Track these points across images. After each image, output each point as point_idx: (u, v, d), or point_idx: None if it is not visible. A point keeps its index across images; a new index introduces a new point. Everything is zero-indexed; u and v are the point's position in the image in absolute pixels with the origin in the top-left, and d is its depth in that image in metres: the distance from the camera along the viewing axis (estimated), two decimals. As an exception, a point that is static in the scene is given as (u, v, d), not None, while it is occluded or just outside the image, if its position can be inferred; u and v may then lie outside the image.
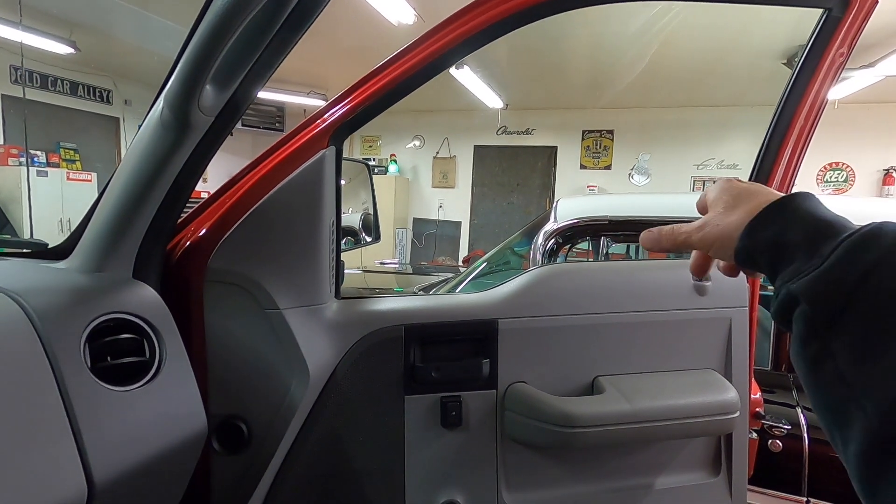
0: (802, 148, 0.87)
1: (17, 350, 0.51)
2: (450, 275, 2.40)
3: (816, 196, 0.40)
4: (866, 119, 5.63)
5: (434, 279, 2.39)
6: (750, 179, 0.90)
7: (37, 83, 5.34)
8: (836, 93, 4.75)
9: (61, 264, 0.69)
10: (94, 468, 0.52)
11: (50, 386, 0.51)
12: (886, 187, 5.68)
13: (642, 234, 0.51)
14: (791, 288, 0.35)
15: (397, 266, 4.33)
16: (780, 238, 0.38)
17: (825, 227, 0.36)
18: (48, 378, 0.51)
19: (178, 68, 0.54)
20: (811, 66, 0.83)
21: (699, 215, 0.49)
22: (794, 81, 0.85)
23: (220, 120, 0.63)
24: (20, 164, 5.25)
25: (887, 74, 4.17)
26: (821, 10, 0.81)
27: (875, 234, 0.33)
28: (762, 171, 0.89)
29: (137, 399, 0.58)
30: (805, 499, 1.36)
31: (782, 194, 0.41)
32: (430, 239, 7.44)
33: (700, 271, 0.51)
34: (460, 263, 6.29)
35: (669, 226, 0.49)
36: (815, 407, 0.35)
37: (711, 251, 0.46)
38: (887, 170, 5.67)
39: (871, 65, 4.10)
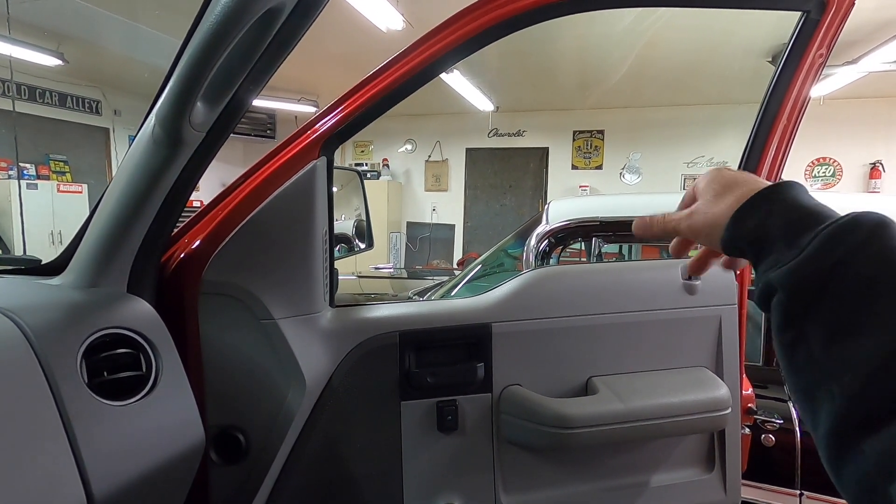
0: (786, 146, 0.89)
1: (14, 368, 0.51)
2: (445, 278, 2.41)
3: (803, 185, 0.41)
4: (852, 114, 5.70)
5: (429, 283, 2.40)
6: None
7: (25, 95, 5.30)
8: (821, 89, 4.81)
9: (56, 280, 0.69)
10: (92, 482, 0.52)
11: (47, 402, 0.52)
12: (873, 181, 5.76)
13: (635, 221, 0.52)
14: (770, 277, 0.36)
15: (392, 271, 4.32)
16: (763, 228, 0.39)
17: (805, 217, 0.37)
18: (45, 395, 0.52)
19: (168, 86, 0.55)
20: (792, 67, 0.85)
21: None
22: (776, 82, 0.86)
23: (212, 135, 0.63)
24: (9, 177, 5.21)
25: (870, 70, 4.23)
26: (799, 13, 0.83)
27: (850, 226, 0.34)
28: (748, 169, 0.90)
29: (135, 413, 0.59)
30: (798, 491, 1.38)
31: (770, 183, 0.42)
32: (425, 242, 7.43)
33: (698, 270, 0.53)
34: (455, 266, 6.29)
35: (661, 213, 0.50)
36: (791, 391, 0.36)
37: (699, 239, 0.47)
38: (873, 164, 5.74)
39: (854, 61, 4.16)
